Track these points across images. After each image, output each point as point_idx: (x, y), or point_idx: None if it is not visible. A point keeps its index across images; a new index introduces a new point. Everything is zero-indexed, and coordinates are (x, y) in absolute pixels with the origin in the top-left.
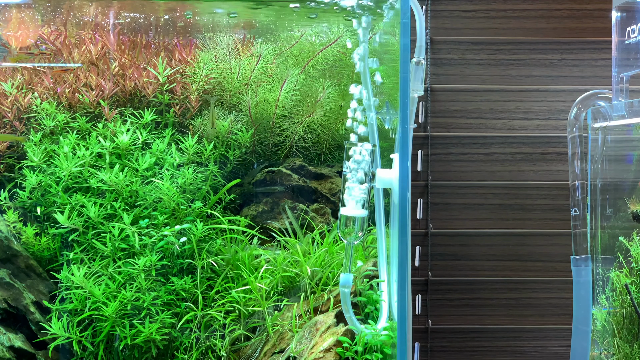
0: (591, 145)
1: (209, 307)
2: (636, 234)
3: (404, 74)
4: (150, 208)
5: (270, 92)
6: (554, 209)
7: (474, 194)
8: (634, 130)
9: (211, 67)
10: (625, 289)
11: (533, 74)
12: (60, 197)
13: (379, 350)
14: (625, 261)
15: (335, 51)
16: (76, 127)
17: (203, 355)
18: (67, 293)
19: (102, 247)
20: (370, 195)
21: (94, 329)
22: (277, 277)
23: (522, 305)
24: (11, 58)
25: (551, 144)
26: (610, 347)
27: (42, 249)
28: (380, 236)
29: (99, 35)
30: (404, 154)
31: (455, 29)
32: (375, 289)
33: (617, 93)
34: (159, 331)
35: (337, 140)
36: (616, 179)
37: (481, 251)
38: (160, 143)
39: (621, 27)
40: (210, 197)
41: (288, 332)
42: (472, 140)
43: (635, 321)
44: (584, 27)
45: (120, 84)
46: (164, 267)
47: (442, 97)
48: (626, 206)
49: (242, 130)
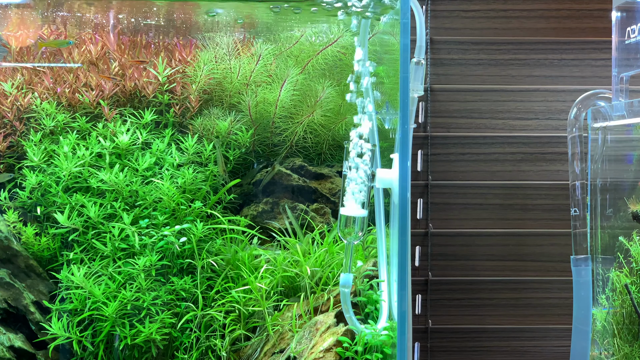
0: (591, 145)
1: (209, 307)
2: (636, 234)
3: (404, 74)
4: (150, 208)
5: (270, 92)
6: (554, 209)
7: (474, 194)
8: (634, 130)
9: (211, 67)
10: (625, 289)
11: (533, 74)
12: (60, 197)
13: (379, 350)
14: (625, 261)
15: (335, 51)
16: (76, 127)
17: (203, 355)
18: (67, 293)
19: (102, 247)
20: (370, 195)
21: (94, 329)
22: (277, 277)
23: (522, 305)
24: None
25: (551, 144)
26: (610, 347)
27: (42, 249)
28: (380, 236)
29: (99, 35)
30: (404, 154)
31: (455, 29)
32: (375, 289)
33: (617, 93)
34: (159, 331)
35: (337, 140)
36: (616, 179)
37: (481, 251)
38: (160, 143)
39: (621, 27)
40: (210, 197)
41: (288, 332)
42: (472, 140)
43: (635, 321)
44: (584, 27)
45: (120, 84)
46: (164, 267)
47: (442, 97)
48: (626, 206)
49: (242, 130)
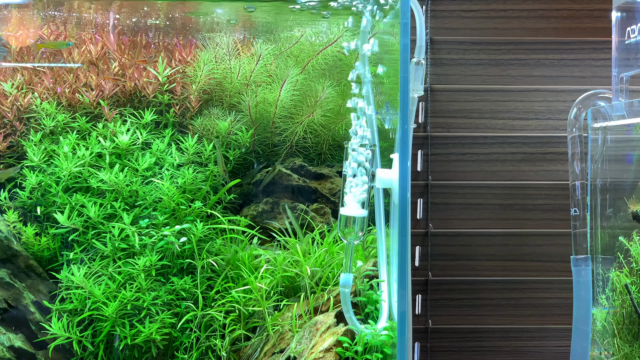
0: (591, 145)
1: (209, 307)
2: (636, 234)
3: (404, 74)
4: (150, 208)
5: (270, 92)
6: (554, 209)
7: (474, 194)
8: (634, 130)
9: (211, 67)
10: (625, 289)
11: (533, 74)
12: (60, 197)
13: (379, 350)
14: (625, 261)
15: (335, 51)
16: (76, 127)
17: (203, 355)
18: (67, 293)
19: (102, 247)
20: (370, 195)
21: (94, 329)
22: (277, 277)
23: (522, 305)
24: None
25: (551, 144)
26: (610, 347)
27: (42, 249)
28: (380, 236)
29: (99, 35)
30: (404, 154)
31: (455, 29)
32: (375, 289)
33: (617, 93)
34: (159, 331)
35: (337, 140)
36: (616, 179)
37: (481, 251)
38: (160, 143)
39: (621, 27)
40: (210, 197)
41: (288, 332)
42: (472, 140)
43: (635, 321)
44: (584, 27)
45: (120, 84)
46: (164, 267)
47: (442, 97)
48: (626, 206)
49: (242, 130)
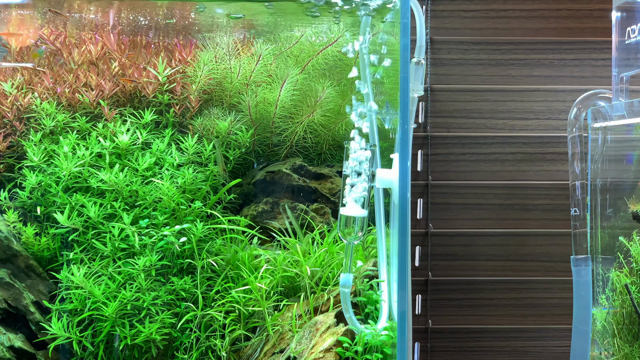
0: (591, 145)
1: (209, 307)
2: (636, 234)
3: (404, 74)
4: (150, 208)
5: (270, 92)
6: (554, 209)
7: (474, 194)
8: (634, 130)
9: (211, 67)
10: (625, 289)
11: (533, 74)
12: (60, 197)
13: (379, 350)
14: (625, 261)
15: (335, 51)
16: (76, 127)
17: (203, 355)
18: (67, 293)
19: (102, 247)
20: (370, 195)
21: (94, 329)
22: (277, 277)
23: (522, 305)
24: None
25: (551, 144)
26: (610, 347)
27: (42, 249)
28: (380, 236)
29: (99, 35)
30: (404, 154)
31: (455, 29)
32: (375, 289)
33: (617, 93)
34: (159, 331)
35: (337, 140)
36: (616, 179)
37: (481, 251)
38: (160, 143)
39: (621, 27)
40: (210, 197)
41: (288, 332)
42: (472, 140)
43: (635, 321)
44: (584, 27)
45: (120, 84)
46: (164, 267)
47: (442, 97)
48: (626, 206)
49: (242, 130)
